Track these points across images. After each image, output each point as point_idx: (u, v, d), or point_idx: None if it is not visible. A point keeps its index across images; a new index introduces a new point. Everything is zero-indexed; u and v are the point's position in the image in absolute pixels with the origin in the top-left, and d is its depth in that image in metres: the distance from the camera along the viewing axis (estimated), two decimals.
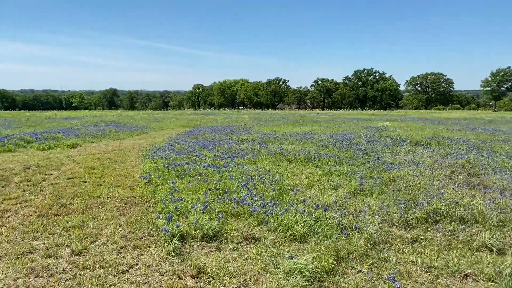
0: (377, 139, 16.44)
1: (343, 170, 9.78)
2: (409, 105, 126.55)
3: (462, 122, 34.76)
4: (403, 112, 71.37)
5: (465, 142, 15.17)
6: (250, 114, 51.44)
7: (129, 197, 7.55)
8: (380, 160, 10.76)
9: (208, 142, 15.40)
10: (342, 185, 8.23)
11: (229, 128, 23.73)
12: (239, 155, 11.82)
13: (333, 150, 13.28)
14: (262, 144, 14.80)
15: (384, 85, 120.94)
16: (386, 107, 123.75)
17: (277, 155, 12.18)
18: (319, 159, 11.29)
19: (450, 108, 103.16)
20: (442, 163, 10.01)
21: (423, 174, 8.66)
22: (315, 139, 16.72)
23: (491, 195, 7.08)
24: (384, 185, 8.07)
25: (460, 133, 20.94)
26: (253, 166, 10.24)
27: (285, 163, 11.14)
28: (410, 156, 11.36)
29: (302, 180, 8.94)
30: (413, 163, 10.17)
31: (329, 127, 25.63)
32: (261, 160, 11.36)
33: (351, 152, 12.70)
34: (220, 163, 10.63)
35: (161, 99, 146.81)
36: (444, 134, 19.67)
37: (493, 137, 18.35)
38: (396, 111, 75.85)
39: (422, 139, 16.28)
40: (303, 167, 10.67)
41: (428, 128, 24.96)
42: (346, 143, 14.90)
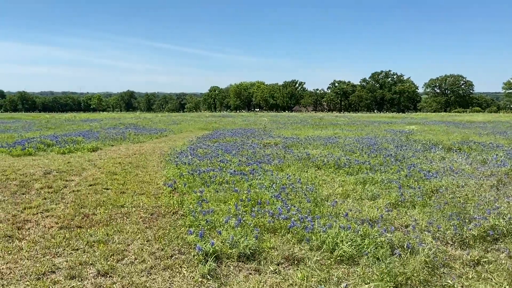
0: (405, 144, 15.75)
1: (377, 178, 9.20)
2: (427, 107, 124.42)
3: (487, 125, 33.61)
4: (423, 115, 69.99)
5: (499, 148, 14.39)
6: (268, 116, 50.93)
7: (154, 206, 7.11)
8: (415, 168, 10.13)
9: (230, 146, 14.94)
10: (380, 195, 7.65)
11: (249, 131, 23.27)
12: (265, 161, 11.32)
13: (361, 156, 12.68)
14: (286, 149, 14.28)
15: (402, 88, 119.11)
16: (404, 109, 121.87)
17: (304, 161, 11.65)
18: (350, 165, 10.72)
19: (470, 110, 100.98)
20: (484, 171, 9.34)
21: (468, 184, 8.01)
22: (340, 143, 16.13)
23: None
24: (426, 196, 7.47)
25: (489, 137, 20.05)
26: (281, 173, 9.73)
27: (313, 170, 10.61)
28: (447, 163, 10.69)
29: (335, 189, 8.40)
30: (452, 171, 9.51)
31: (351, 130, 24.97)
32: (288, 166, 10.85)
33: (381, 158, 12.08)
34: (246, 170, 10.15)
35: (177, 101, 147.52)
36: (473, 138, 18.83)
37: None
38: (415, 114, 74.45)
39: (452, 144, 15.55)
40: (333, 174, 10.12)
41: (454, 132, 24.07)
42: (374, 148, 14.27)
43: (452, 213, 6.18)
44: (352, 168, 10.52)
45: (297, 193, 7.49)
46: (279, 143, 16.39)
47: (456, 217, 5.93)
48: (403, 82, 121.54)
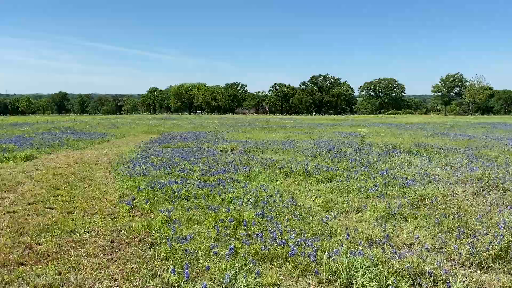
0: (362, 147, 15.51)
1: (353, 186, 8.62)
2: (362, 110, 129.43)
3: (426, 127, 35.03)
4: (362, 117, 72.36)
5: (455, 150, 14.53)
6: (213, 119, 49.78)
7: (113, 231, 5.93)
8: (388, 174, 9.70)
9: (185, 152, 13.80)
10: (367, 207, 7.01)
11: (200, 135, 22.13)
12: (230, 169, 10.38)
13: (325, 161, 12.15)
14: (246, 154, 13.43)
15: (339, 90, 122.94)
16: (341, 111, 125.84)
17: (271, 168, 10.87)
18: (319, 172, 10.08)
19: (403, 112, 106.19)
20: (460, 177, 9.09)
21: (455, 192, 7.63)
22: (299, 147, 15.56)
23: None
24: (414, 206, 6.95)
25: (435, 139, 20.55)
26: (252, 183, 8.85)
27: (282, 178, 9.86)
28: (419, 169, 10.39)
29: (314, 199, 7.69)
30: (428, 177, 9.17)
31: (302, 133, 24.65)
32: (255, 174, 9.99)
33: (346, 163, 11.60)
34: (212, 180, 9.17)
35: (114, 102, 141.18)
36: (423, 140, 19.15)
37: (473, 143, 17.98)
38: (355, 116, 76.82)
39: (409, 146, 15.55)
40: (304, 182, 9.43)
41: (400, 134, 24.55)
42: (334, 153, 13.81)
43: (454, 227, 5.66)
44: (322, 175, 9.89)
45: (279, 208, 6.66)
46: (237, 148, 15.50)
47: (461, 233, 5.40)
48: (340, 86, 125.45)
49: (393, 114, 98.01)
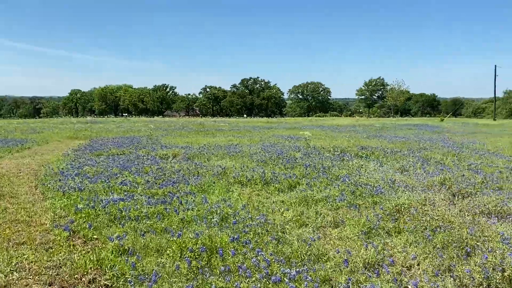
0: (310, 151, 15.11)
1: (318, 195, 8.01)
2: (292, 112, 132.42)
3: (357, 129, 36.06)
4: (293, 119, 73.44)
5: (400, 153, 14.63)
6: (143, 122, 47.43)
7: (50, 267, 4.68)
8: (350, 180, 9.24)
9: (123, 161, 12.38)
10: (345, 221, 6.38)
11: (134, 140, 20.47)
12: (180, 180, 9.29)
13: (277, 167, 11.50)
14: (193, 162, 12.36)
15: (269, 93, 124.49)
16: (271, 114, 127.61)
17: (223, 177, 9.97)
18: (278, 180, 9.37)
19: (330, 115, 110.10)
20: (423, 182, 8.87)
21: (432, 200, 7.27)
22: (245, 152, 14.78)
23: None
24: (395, 219, 6.45)
25: (374, 141, 20.90)
26: (211, 197, 7.87)
27: (239, 188, 9.01)
28: (380, 174, 10.08)
29: (282, 213, 6.94)
30: (393, 183, 8.83)
31: (242, 136, 23.88)
32: (209, 185, 9.03)
33: (301, 169, 11.04)
34: (159, 193, 8.06)
35: (31, 105, 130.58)
36: (364, 143, 19.32)
37: (411, 145, 18.41)
38: (286, 119, 77.81)
39: (356, 150, 15.44)
40: (265, 192, 8.66)
41: (338, 136, 24.74)
42: (285, 158, 13.22)
43: (447, 243, 5.19)
44: (281, 183, 9.19)
45: (252, 229, 5.79)
46: (179, 154, 14.33)
47: (459, 250, 4.94)
48: (270, 89, 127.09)
49: (321, 116, 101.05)
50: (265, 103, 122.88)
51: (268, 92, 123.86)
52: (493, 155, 14.72)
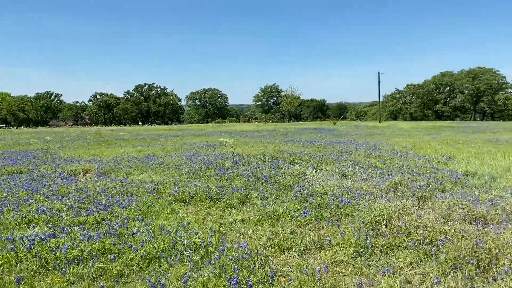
0: (239, 159, 14.29)
1: (279, 210, 7.23)
2: (190, 119, 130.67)
3: (264, 134, 36.32)
4: (196, 126, 71.94)
5: (327, 157, 14.55)
6: (29, 133, 42.10)
7: None
8: (304, 190, 8.61)
9: (26, 181, 10.19)
10: (331, 242, 5.65)
11: (27, 154, 17.53)
12: (111, 203, 7.74)
13: (213, 179, 10.51)
14: (110, 178, 10.70)
15: (166, 100, 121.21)
16: (168, 121, 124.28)
17: (157, 194, 8.66)
18: (229, 196, 8.37)
19: (229, 121, 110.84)
20: (379, 188, 8.59)
21: (407, 209, 6.89)
22: (169, 164, 13.42)
23: None
24: (380, 233, 5.90)
25: (291, 146, 20.85)
26: (157, 222, 6.58)
27: (183, 207, 7.83)
28: (328, 180, 9.62)
29: (251, 233, 6.01)
30: (350, 191, 8.40)
31: (151, 145, 22.12)
32: (148, 206, 7.68)
33: (242, 180, 10.19)
34: (90, 220, 6.55)
35: None
36: (283, 148, 19.11)
37: (326, 148, 18.64)
38: (188, 125, 75.98)
39: (288, 156, 15.01)
40: (216, 210, 7.61)
41: (252, 142, 24.32)
42: (216, 168, 12.22)
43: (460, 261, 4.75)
44: (231, 198, 8.22)
45: (238, 263, 4.75)
46: (91, 169, 12.42)
47: (475, 267, 4.52)
48: (167, 95, 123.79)
49: (219, 123, 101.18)
50: (162, 110, 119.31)
51: (165, 99, 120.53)
52: (409, 155, 15.41)
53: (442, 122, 72.22)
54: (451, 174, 10.60)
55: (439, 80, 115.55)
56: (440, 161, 13.66)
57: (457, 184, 9.29)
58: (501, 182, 9.67)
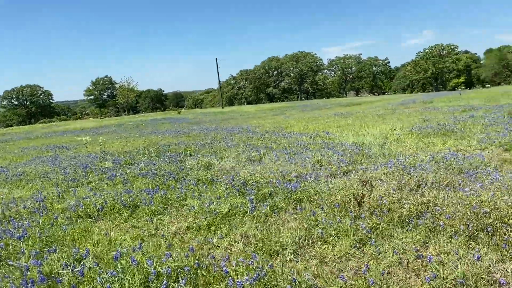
0: (115, 158, 12.29)
1: (224, 208, 6.19)
2: (8, 121, 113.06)
3: (114, 129, 33.41)
4: (18, 128, 61.95)
5: (208, 145, 13.69)
6: None
7: None
8: (236, 181, 7.62)
9: None
10: (325, 234, 4.90)
11: None
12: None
13: (105, 184, 8.74)
14: None
15: None
16: None
17: (55, 212, 6.64)
18: (148, 201, 6.87)
19: (59, 119, 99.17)
20: (308, 167, 8.15)
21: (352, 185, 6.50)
22: (32, 174, 10.76)
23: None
24: (357, 215, 5.41)
25: (161, 138, 19.27)
26: (83, 248, 4.84)
27: (95, 225, 6.12)
28: (256, 167, 8.79)
29: (219, 244, 4.89)
30: (285, 174, 7.74)
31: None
32: (53, 226, 5.73)
33: (146, 180, 8.68)
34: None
35: None
36: (156, 141, 17.52)
37: (199, 136, 17.79)
38: (11, 129, 64.85)
39: (170, 148, 13.54)
40: (145, 221, 6.13)
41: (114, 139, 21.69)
42: (97, 171, 10.23)
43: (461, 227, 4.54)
44: (149, 208, 6.73)
45: None
46: None
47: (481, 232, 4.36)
48: None
49: (46, 122, 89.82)
50: None
51: None
52: (291, 135, 15.63)
53: (278, 104, 77.92)
54: (347, 147, 10.93)
55: (268, 65, 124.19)
56: (322, 136, 14.15)
57: (364, 156, 9.54)
58: (394, 149, 10.36)
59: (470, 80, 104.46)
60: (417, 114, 21.14)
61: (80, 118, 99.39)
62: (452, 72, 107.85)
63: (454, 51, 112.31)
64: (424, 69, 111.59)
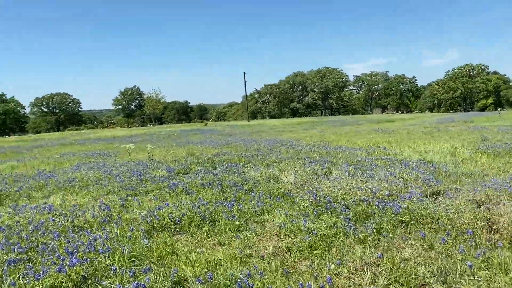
0: (168, 167, 11.77)
1: (318, 225, 5.49)
2: (37, 128, 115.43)
3: (146, 138, 33.17)
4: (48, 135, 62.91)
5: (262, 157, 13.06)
6: None
7: None
8: (314, 196, 6.93)
9: None
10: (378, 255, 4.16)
11: None
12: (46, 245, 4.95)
13: (166, 193, 8.17)
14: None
15: (6, 108, 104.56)
16: (9, 132, 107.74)
17: (128, 223, 6.05)
18: (228, 214, 6.22)
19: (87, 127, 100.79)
20: (395, 186, 7.40)
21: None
22: (84, 180, 10.31)
23: None
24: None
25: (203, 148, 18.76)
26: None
27: (168, 238, 5.50)
28: (333, 182, 8.09)
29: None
30: (373, 193, 7.01)
31: (23, 159, 17.58)
32: (136, 245, 5.13)
33: (212, 192, 8.06)
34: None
35: None
36: (198, 151, 17.01)
37: (243, 148, 17.21)
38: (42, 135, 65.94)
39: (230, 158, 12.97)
40: (225, 238, 5.48)
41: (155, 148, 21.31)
42: (152, 179, 9.68)
43: None
44: (231, 223, 6.09)
45: None
46: None
47: None
48: (6, 102, 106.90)
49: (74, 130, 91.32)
50: (2, 119, 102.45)
51: (4, 107, 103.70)
52: (343, 148, 14.89)
53: (304, 118, 77.32)
54: (417, 164, 10.14)
55: (293, 80, 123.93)
56: (380, 152, 13.37)
57: (443, 174, 8.74)
58: (472, 168, 9.53)
59: (498, 101, 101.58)
60: (467, 133, 20.13)
61: (106, 127, 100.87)
62: (481, 93, 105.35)
63: (484, 71, 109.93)
64: (453, 88, 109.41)
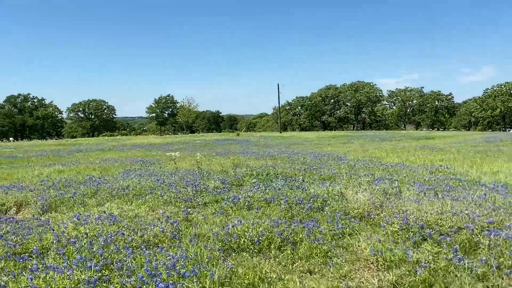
0: (222, 178, 11.29)
1: (419, 257, 4.78)
2: (73, 133, 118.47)
3: (184, 146, 33.04)
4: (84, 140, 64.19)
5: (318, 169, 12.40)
6: None
7: None
8: (410, 222, 6.24)
9: None
10: None
11: None
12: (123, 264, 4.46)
13: (228, 206, 7.61)
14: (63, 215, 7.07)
15: (45, 112, 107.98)
16: (46, 136, 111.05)
17: (204, 241, 5.53)
18: (307, 244, 5.62)
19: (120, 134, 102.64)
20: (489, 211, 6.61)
21: None
22: (137, 188, 9.92)
23: None
24: None
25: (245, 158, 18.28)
26: None
27: (249, 262, 4.92)
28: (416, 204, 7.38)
29: None
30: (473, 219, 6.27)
31: (68, 163, 17.55)
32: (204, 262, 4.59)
33: (279, 208, 7.47)
34: None
35: None
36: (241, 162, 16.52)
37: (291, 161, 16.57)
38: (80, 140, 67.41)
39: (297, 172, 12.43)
40: (320, 263, 4.86)
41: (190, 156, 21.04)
42: (206, 190, 9.16)
43: None
44: (318, 247, 5.47)
45: None
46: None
47: None
48: (45, 107, 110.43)
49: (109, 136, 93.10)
50: (41, 123, 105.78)
51: (43, 111, 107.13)
52: (399, 166, 14.05)
53: (338, 132, 75.97)
54: (495, 186, 9.24)
55: (325, 93, 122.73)
56: (443, 171, 12.47)
57: None
58: None
59: None
60: None
61: (139, 134, 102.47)
62: None
63: None
64: (492, 107, 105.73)
